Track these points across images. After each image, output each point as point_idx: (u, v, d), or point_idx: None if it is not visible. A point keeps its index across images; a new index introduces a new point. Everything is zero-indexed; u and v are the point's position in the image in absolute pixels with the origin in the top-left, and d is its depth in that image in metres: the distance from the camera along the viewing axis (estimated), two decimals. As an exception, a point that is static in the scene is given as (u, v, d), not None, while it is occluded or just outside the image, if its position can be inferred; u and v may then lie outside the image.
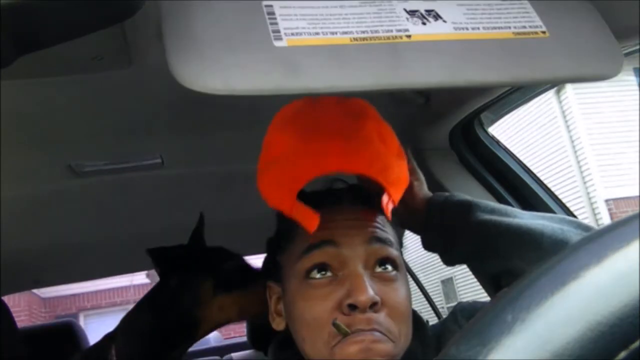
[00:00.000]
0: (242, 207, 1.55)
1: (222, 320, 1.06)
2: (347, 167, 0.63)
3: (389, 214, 0.62)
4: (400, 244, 0.71)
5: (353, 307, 0.60)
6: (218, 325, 1.08)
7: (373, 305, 0.61)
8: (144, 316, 1.08)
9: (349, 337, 0.60)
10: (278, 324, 0.71)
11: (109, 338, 1.07)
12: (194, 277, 1.05)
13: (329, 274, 0.64)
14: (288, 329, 0.70)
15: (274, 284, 0.73)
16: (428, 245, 0.78)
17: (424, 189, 0.81)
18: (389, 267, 0.65)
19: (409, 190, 0.75)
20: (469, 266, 0.80)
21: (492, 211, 0.75)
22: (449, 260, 0.78)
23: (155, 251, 1.07)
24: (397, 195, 0.64)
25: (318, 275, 0.64)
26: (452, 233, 0.75)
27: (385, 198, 0.62)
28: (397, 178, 0.65)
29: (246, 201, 1.51)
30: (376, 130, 0.66)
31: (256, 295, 0.96)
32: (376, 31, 0.56)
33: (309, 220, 0.61)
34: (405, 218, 0.79)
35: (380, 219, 0.67)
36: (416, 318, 0.73)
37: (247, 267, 1.08)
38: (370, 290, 0.60)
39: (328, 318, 0.61)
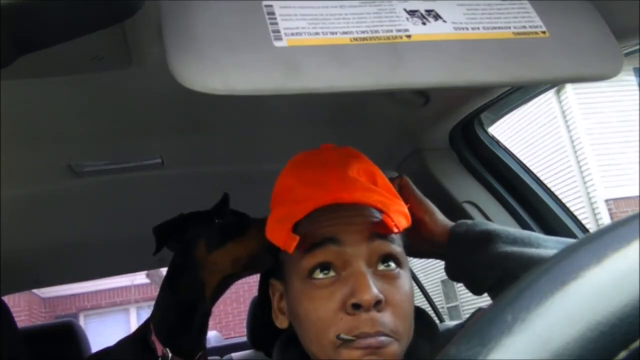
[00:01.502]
0: (242, 207, 1.55)
1: (218, 276, 1.08)
2: (345, 197, 0.64)
3: (394, 229, 0.62)
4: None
5: (357, 306, 0.60)
6: (220, 285, 1.10)
7: (377, 304, 0.61)
8: (164, 292, 1.15)
9: (354, 341, 0.60)
10: (281, 322, 0.72)
11: (149, 318, 1.16)
12: (191, 243, 1.10)
13: (332, 273, 0.64)
14: (291, 326, 0.70)
15: (276, 281, 0.73)
16: (452, 276, 0.78)
17: (439, 220, 0.79)
18: (392, 264, 0.65)
19: (424, 226, 0.77)
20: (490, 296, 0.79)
21: (514, 241, 0.73)
22: (475, 291, 0.77)
23: (157, 228, 1.12)
24: (400, 223, 0.64)
25: (321, 275, 0.64)
26: (475, 265, 0.74)
27: (388, 219, 0.62)
28: (397, 210, 0.65)
29: (246, 201, 1.51)
30: (370, 171, 0.70)
31: (247, 241, 1.02)
32: (376, 31, 0.56)
33: (287, 243, 0.62)
34: (427, 250, 0.79)
35: (379, 214, 0.67)
36: (424, 316, 0.74)
37: (238, 218, 1.09)
38: (374, 289, 0.60)
39: (333, 318, 0.61)
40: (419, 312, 0.74)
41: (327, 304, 0.62)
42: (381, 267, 0.64)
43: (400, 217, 0.64)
